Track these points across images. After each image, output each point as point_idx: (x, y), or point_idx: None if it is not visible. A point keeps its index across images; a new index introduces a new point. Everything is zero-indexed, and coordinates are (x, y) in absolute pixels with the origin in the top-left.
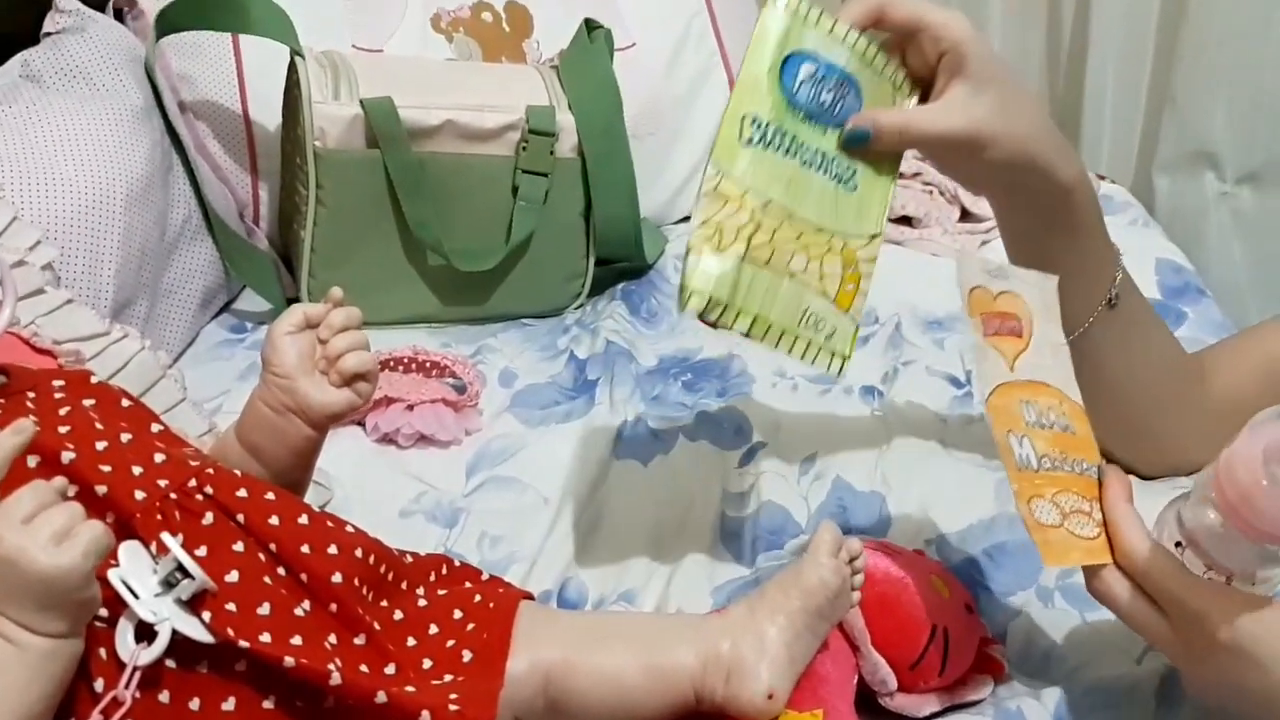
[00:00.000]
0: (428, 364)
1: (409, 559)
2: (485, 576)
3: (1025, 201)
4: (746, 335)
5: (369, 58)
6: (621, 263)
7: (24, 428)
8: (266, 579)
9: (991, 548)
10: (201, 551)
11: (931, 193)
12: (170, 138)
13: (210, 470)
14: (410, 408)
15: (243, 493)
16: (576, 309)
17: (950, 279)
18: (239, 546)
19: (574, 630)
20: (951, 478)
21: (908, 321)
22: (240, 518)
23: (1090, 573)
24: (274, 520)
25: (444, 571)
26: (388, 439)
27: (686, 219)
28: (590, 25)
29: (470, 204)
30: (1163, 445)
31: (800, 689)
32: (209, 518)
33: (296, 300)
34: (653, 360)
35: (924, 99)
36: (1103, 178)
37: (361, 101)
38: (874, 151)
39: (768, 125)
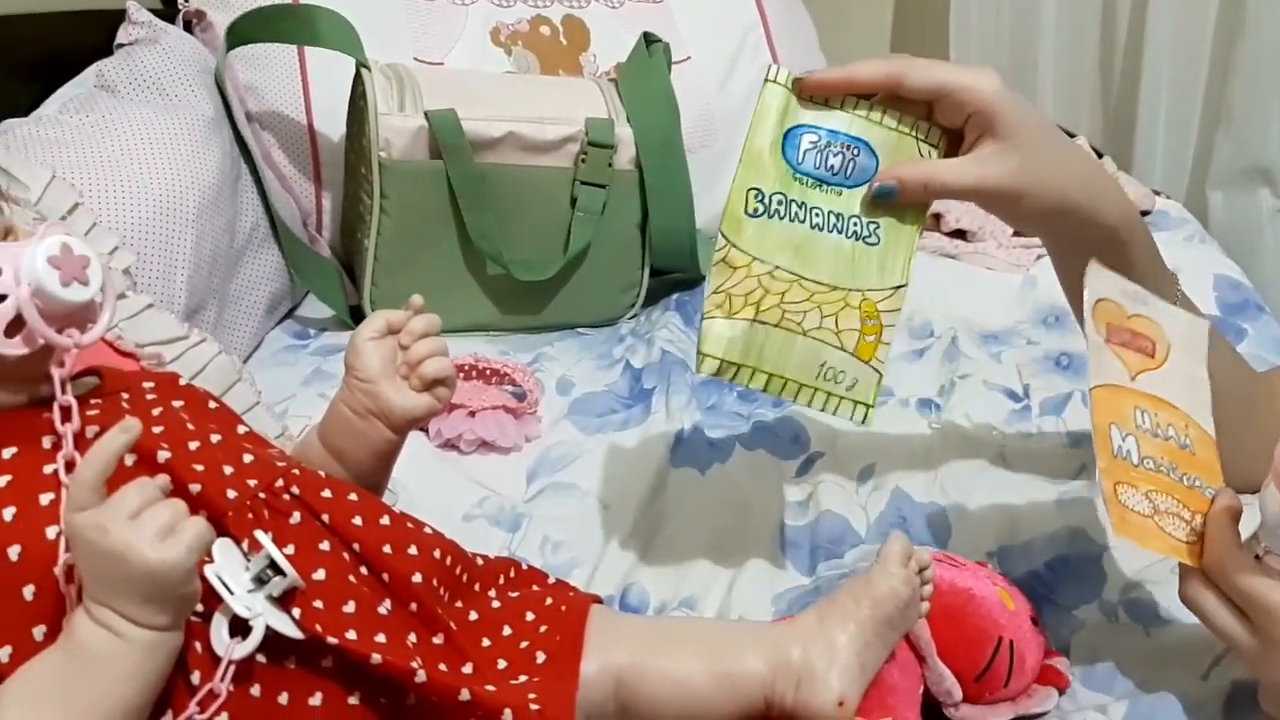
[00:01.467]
0: (488, 371)
1: (480, 561)
2: (552, 580)
3: (1070, 241)
4: (764, 391)
5: (432, 70)
6: (676, 273)
7: (131, 426)
8: (351, 578)
9: (1054, 560)
10: (289, 550)
11: None
12: (239, 147)
13: (296, 471)
14: (472, 414)
15: (327, 493)
16: (630, 319)
17: (1005, 293)
18: (325, 546)
19: (644, 635)
20: (1012, 491)
21: (964, 335)
22: (325, 518)
23: (1181, 579)
24: (357, 521)
25: (512, 574)
26: (450, 444)
27: None
28: (649, 39)
29: (529, 215)
30: (1234, 463)
31: (869, 697)
32: (296, 517)
33: (358, 308)
34: None
35: (956, 143)
36: (1158, 193)
37: (426, 113)
38: (903, 205)
39: (771, 196)
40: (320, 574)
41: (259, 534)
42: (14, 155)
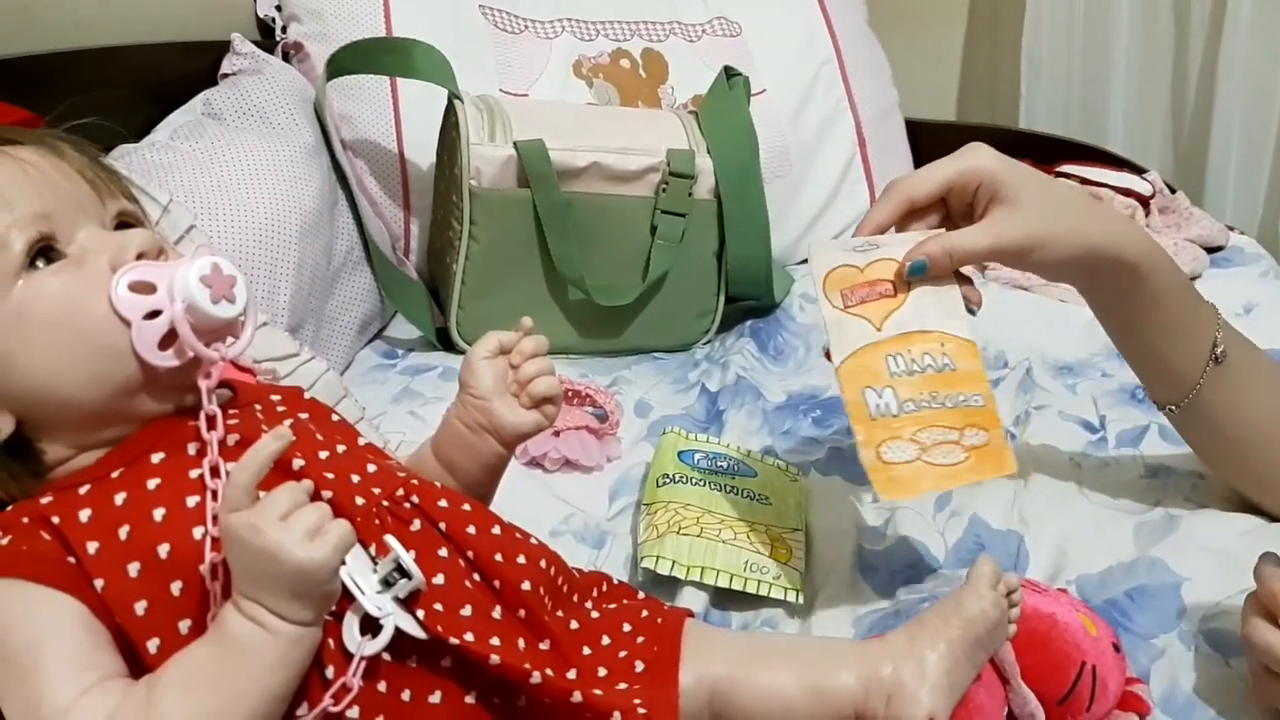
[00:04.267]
0: (570, 393)
1: (577, 574)
2: (642, 595)
3: (1096, 282)
4: (700, 584)
5: (519, 101)
6: (750, 300)
7: (283, 434)
8: (466, 583)
9: (1133, 590)
10: (411, 555)
11: None
12: (335, 173)
13: (415, 482)
14: (557, 434)
15: (443, 503)
16: (705, 344)
17: (1078, 325)
18: (443, 552)
19: (737, 648)
20: (1089, 519)
21: (1038, 366)
22: (442, 526)
23: (1242, 620)
24: (471, 530)
25: (605, 588)
26: (535, 463)
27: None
28: (730, 72)
29: (611, 242)
30: None
31: (957, 717)
32: (417, 524)
33: (444, 330)
34: (781, 396)
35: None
36: (1231, 229)
37: (515, 143)
38: (934, 275)
39: (675, 474)
40: (440, 579)
41: (388, 538)
42: (136, 178)
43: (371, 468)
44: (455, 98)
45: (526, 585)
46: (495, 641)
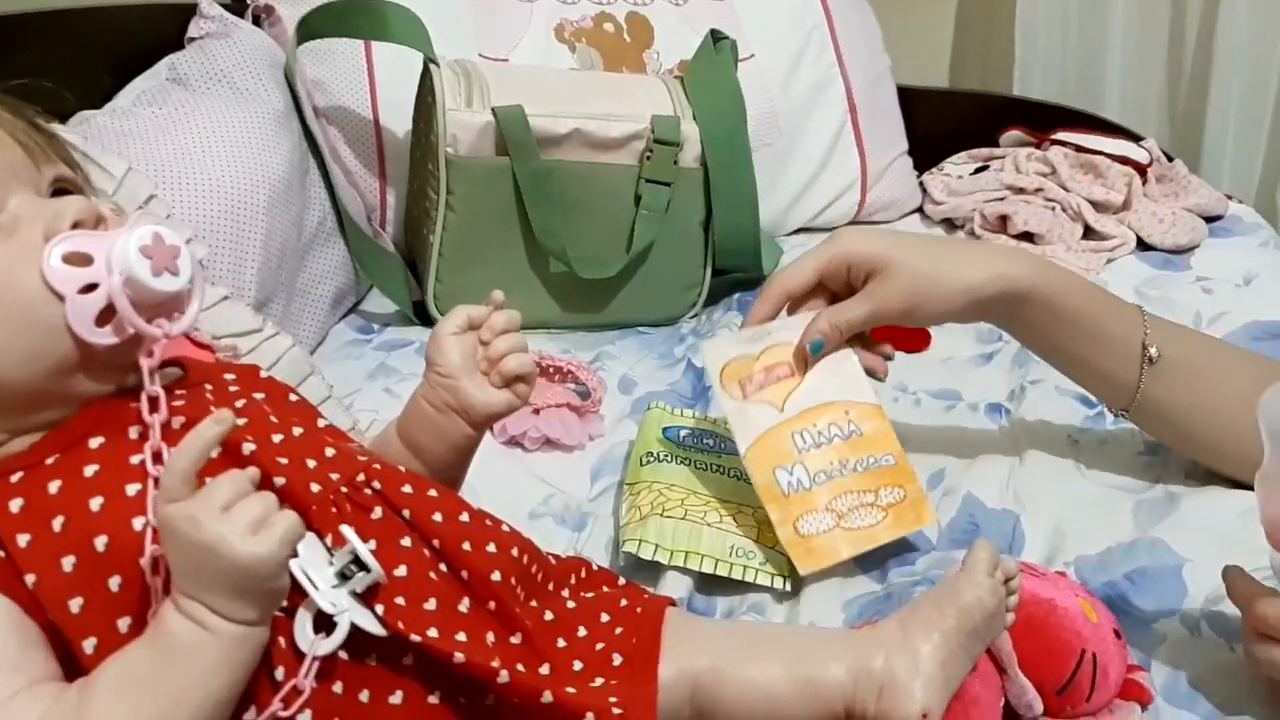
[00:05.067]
0: (551, 369)
1: (553, 560)
2: (622, 582)
3: (998, 318)
4: (684, 569)
5: (498, 66)
6: (738, 273)
7: (224, 417)
8: (431, 574)
9: (1133, 572)
10: (371, 545)
11: (1054, 209)
12: (307, 141)
13: (377, 466)
14: (536, 411)
15: (408, 489)
16: (692, 318)
17: None
18: (406, 541)
19: (721, 639)
20: (1087, 498)
21: None
22: (406, 513)
23: (1244, 644)
24: (437, 517)
25: (584, 575)
26: (514, 442)
27: (801, 230)
28: (716, 36)
29: (593, 212)
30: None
31: (951, 710)
32: (378, 512)
33: (421, 304)
34: None
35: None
36: (1229, 197)
37: (494, 109)
38: (828, 353)
39: (660, 453)
40: (402, 570)
41: (344, 528)
42: (91, 146)
43: (330, 452)
44: (431, 62)
45: (496, 575)
46: (461, 637)
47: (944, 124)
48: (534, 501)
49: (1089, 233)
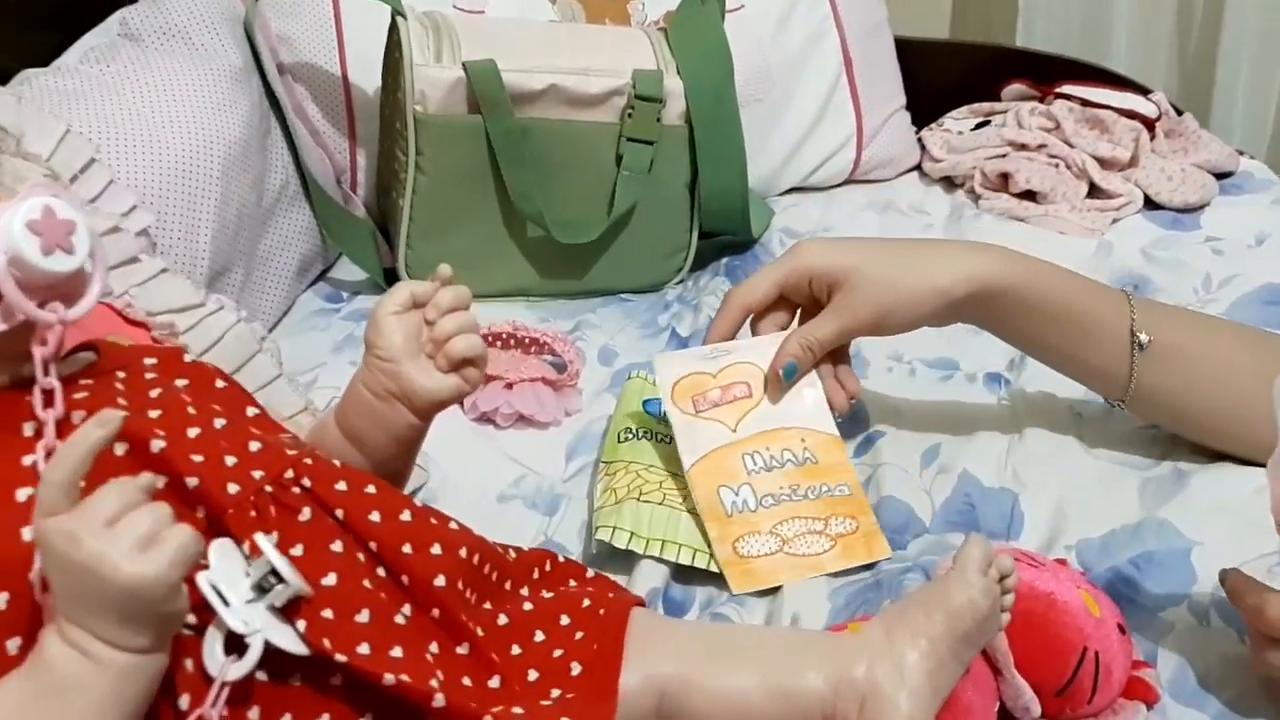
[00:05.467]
0: (527, 340)
1: (512, 554)
2: (591, 574)
3: (975, 318)
4: (659, 558)
5: (471, 19)
6: (725, 236)
7: (109, 419)
8: (366, 582)
9: (1138, 557)
10: (297, 551)
11: (1058, 166)
12: (269, 100)
13: (308, 460)
14: (509, 386)
15: (342, 485)
16: (677, 284)
17: (1078, 258)
18: (337, 546)
19: (691, 644)
20: (1090, 477)
21: None
22: (339, 513)
23: (1251, 656)
24: (375, 517)
25: (548, 568)
26: (486, 418)
27: (793, 190)
28: None
29: (572, 173)
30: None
31: (941, 719)
32: (306, 513)
33: (393, 270)
34: None
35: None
36: (1241, 153)
37: (464, 64)
38: (806, 371)
39: (639, 429)
40: (331, 579)
41: (259, 537)
42: (29, 107)
43: (255, 446)
44: (398, 14)
45: (441, 580)
46: (397, 652)
47: (944, 77)
48: (504, 484)
49: (1094, 191)
